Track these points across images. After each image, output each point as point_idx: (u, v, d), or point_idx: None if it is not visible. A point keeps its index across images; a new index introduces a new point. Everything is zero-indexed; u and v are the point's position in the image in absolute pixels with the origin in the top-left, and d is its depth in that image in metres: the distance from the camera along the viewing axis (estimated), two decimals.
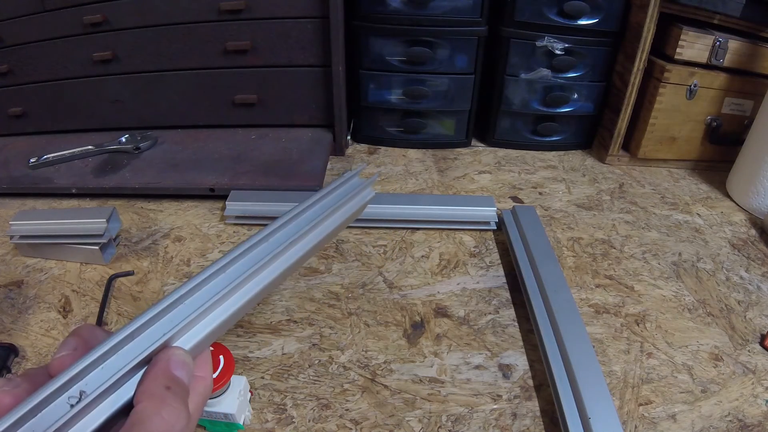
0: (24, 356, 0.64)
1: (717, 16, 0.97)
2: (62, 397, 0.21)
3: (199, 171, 0.97)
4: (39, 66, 1.05)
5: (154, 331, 0.24)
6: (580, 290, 0.77)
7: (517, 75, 1.08)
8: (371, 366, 0.64)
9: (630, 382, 0.63)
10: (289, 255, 0.30)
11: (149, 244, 0.85)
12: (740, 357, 0.67)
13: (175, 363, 0.23)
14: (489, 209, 0.89)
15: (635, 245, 0.87)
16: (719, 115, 1.06)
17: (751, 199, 0.98)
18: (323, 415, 0.58)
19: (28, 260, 0.81)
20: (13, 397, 0.21)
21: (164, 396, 0.22)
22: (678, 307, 0.74)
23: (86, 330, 0.24)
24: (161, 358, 0.23)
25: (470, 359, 0.65)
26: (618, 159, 1.14)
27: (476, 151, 1.18)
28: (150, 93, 1.08)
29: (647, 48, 0.99)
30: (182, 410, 0.22)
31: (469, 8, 1.00)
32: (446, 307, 0.73)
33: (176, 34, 1.00)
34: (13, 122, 1.12)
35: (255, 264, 0.28)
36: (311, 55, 1.02)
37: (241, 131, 1.12)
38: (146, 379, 0.23)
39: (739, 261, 0.85)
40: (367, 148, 1.18)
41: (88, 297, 0.74)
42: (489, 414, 0.58)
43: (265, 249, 0.29)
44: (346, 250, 0.84)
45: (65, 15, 0.98)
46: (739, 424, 0.58)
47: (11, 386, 0.21)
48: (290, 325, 0.70)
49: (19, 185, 0.96)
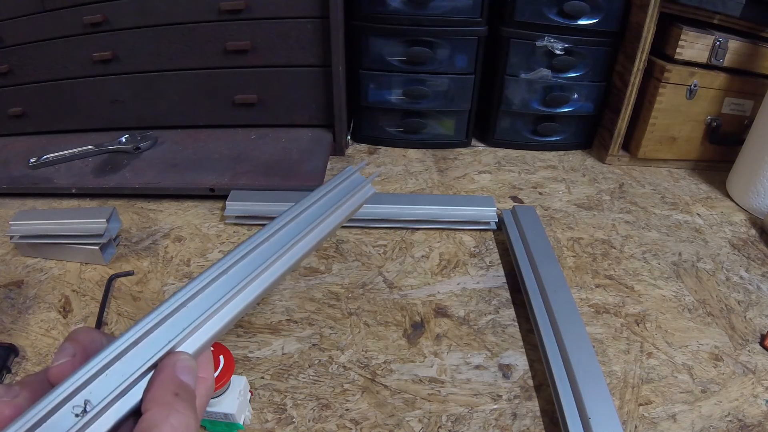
0: (24, 356, 0.64)
1: (717, 16, 0.97)
2: (66, 407, 0.20)
3: (199, 171, 0.97)
4: (39, 66, 1.05)
5: (159, 337, 0.24)
6: (580, 290, 0.77)
7: (517, 75, 1.08)
8: (371, 366, 0.64)
9: (630, 382, 0.63)
10: (291, 254, 0.30)
11: (149, 244, 0.85)
12: (740, 357, 0.67)
13: (181, 368, 0.23)
14: (489, 209, 0.89)
15: (635, 245, 0.87)
16: (719, 115, 1.06)
17: (751, 199, 0.98)
18: (323, 415, 0.58)
19: (28, 260, 0.81)
20: (13, 408, 0.20)
21: (173, 403, 0.22)
22: (678, 307, 0.74)
23: (83, 334, 0.24)
24: (167, 364, 0.23)
25: (470, 359, 0.65)
26: (618, 159, 1.14)
27: (476, 151, 1.18)
28: (150, 93, 1.08)
29: (647, 48, 0.99)
30: (191, 416, 0.22)
31: (469, 8, 1.00)
32: (446, 307, 0.73)
33: (176, 34, 1.00)
34: (13, 122, 1.12)
35: (259, 265, 0.28)
36: (311, 55, 1.02)
37: (241, 131, 1.12)
38: (153, 386, 0.23)
39: (739, 261, 0.85)
40: (367, 148, 1.18)
41: (88, 297, 0.74)
42: (489, 414, 0.58)
43: (268, 249, 0.29)
44: (346, 250, 0.84)
45: (65, 15, 0.98)
46: (739, 424, 0.58)
47: (10, 396, 0.20)
48: (290, 325, 0.70)
49: (19, 185, 0.96)
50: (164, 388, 0.22)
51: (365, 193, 0.36)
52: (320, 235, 0.32)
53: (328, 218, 0.33)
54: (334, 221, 0.33)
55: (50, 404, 0.20)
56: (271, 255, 0.29)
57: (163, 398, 0.22)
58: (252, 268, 0.28)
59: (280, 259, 0.29)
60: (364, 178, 0.37)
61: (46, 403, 0.20)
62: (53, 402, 0.20)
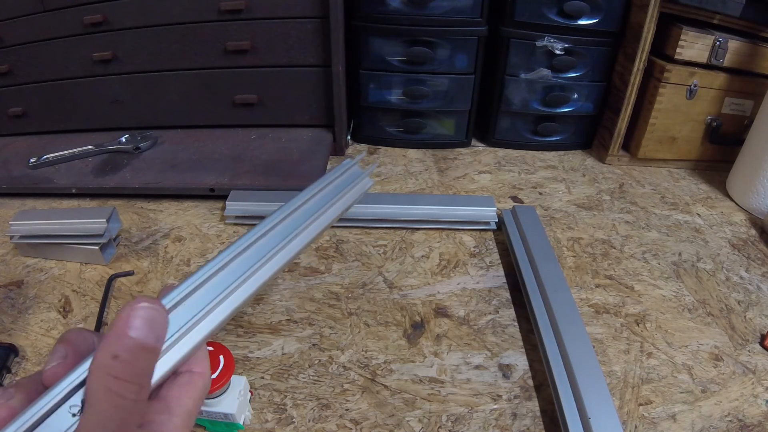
0: (24, 356, 0.64)
1: (717, 16, 0.97)
2: (63, 408, 0.20)
3: (199, 171, 0.97)
4: (39, 66, 1.05)
5: None
6: (580, 290, 0.77)
7: (517, 75, 1.08)
8: (371, 366, 0.64)
9: (630, 382, 0.63)
10: (290, 248, 0.30)
11: (149, 244, 0.85)
12: (740, 357, 0.67)
13: (134, 322, 0.20)
14: (489, 209, 0.89)
15: (635, 245, 0.87)
16: (719, 115, 1.06)
17: (751, 199, 0.98)
18: (323, 415, 0.58)
19: (28, 260, 0.81)
20: (8, 409, 0.20)
21: (108, 367, 0.20)
22: (678, 307, 0.74)
23: (75, 335, 0.23)
24: (119, 318, 0.20)
25: (470, 359, 0.65)
26: (618, 159, 1.14)
27: (476, 151, 1.18)
28: (150, 93, 1.08)
29: (647, 48, 0.99)
30: (128, 388, 0.20)
31: (469, 8, 1.00)
32: (446, 307, 0.73)
33: (176, 34, 1.00)
34: (13, 122, 1.12)
35: (258, 260, 0.28)
36: (311, 55, 1.02)
37: (241, 131, 1.12)
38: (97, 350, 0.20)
39: (739, 261, 0.85)
40: (367, 148, 1.18)
41: (88, 297, 0.74)
42: (489, 414, 0.58)
43: (266, 244, 0.29)
44: (346, 250, 0.84)
45: (65, 15, 0.98)
46: (739, 424, 0.58)
47: (5, 398, 0.20)
48: (290, 325, 0.70)
49: (19, 185, 0.96)
50: (103, 351, 0.20)
51: (363, 186, 0.36)
52: (320, 227, 0.32)
53: (327, 211, 0.33)
54: (333, 214, 0.33)
55: (47, 405, 0.20)
56: (271, 249, 0.29)
57: (99, 363, 0.20)
58: (251, 263, 0.28)
59: (280, 253, 0.29)
60: (362, 171, 0.36)
61: (43, 404, 0.20)
62: (50, 403, 0.20)
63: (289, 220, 0.31)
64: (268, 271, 0.28)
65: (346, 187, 0.35)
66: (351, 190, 0.35)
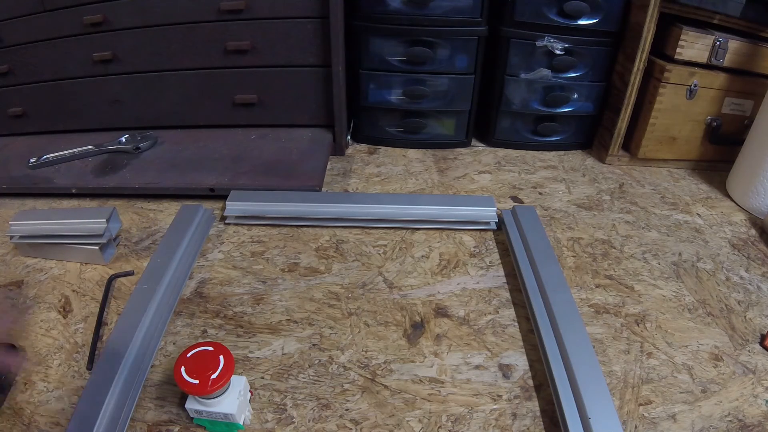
0: (24, 356, 0.64)
1: (717, 16, 0.97)
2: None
3: (199, 171, 0.97)
4: (39, 66, 1.05)
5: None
6: (580, 290, 0.77)
7: (517, 75, 1.08)
8: (371, 366, 0.64)
9: (630, 382, 0.63)
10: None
11: (149, 244, 0.85)
12: (740, 357, 0.67)
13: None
14: (489, 209, 0.89)
15: (635, 245, 0.87)
16: (719, 115, 1.06)
17: (751, 199, 0.98)
18: (323, 415, 0.58)
19: (28, 260, 0.81)
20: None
21: None
22: (678, 307, 0.74)
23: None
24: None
25: (470, 359, 0.65)
26: (618, 159, 1.14)
27: (476, 151, 1.18)
28: (150, 93, 1.08)
29: (647, 48, 0.99)
30: None
31: (469, 8, 1.00)
32: (446, 307, 0.73)
33: (176, 34, 1.00)
34: (13, 122, 1.12)
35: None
36: (311, 55, 1.02)
37: (241, 131, 1.12)
38: None
39: (739, 261, 0.85)
40: (367, 148, 1.18)
41: (88, 297, 0.74)
42: (489, 414, 0.58)
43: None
44: (346, 250, 0.84)
45: (65, 15, 0.98)
46: (739, 424, 0.58)
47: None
48: (290, 325, 0.70)
49: (19, 185, 0.96)
50: None
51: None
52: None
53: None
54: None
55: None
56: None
57: None
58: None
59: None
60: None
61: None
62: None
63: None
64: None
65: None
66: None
